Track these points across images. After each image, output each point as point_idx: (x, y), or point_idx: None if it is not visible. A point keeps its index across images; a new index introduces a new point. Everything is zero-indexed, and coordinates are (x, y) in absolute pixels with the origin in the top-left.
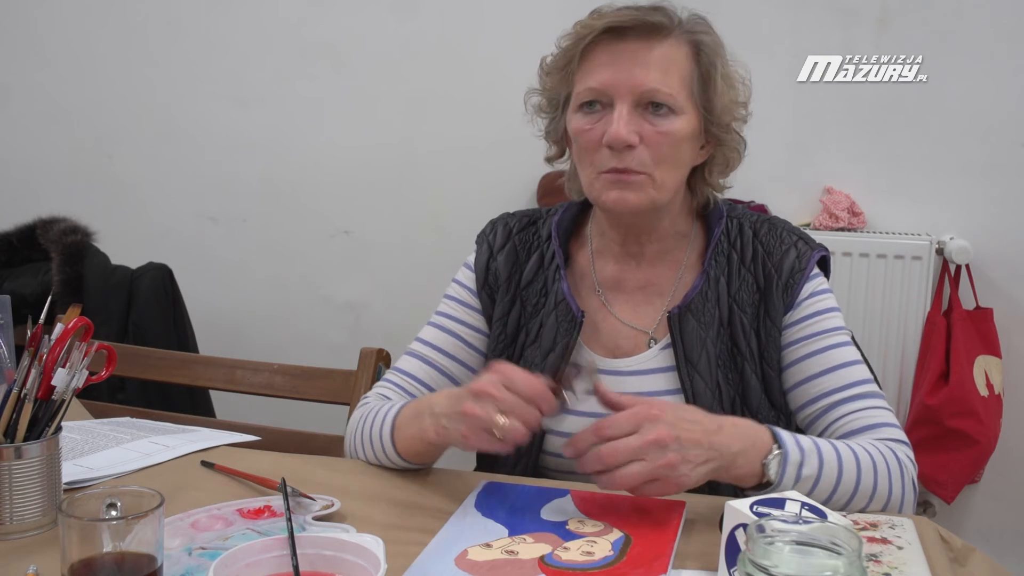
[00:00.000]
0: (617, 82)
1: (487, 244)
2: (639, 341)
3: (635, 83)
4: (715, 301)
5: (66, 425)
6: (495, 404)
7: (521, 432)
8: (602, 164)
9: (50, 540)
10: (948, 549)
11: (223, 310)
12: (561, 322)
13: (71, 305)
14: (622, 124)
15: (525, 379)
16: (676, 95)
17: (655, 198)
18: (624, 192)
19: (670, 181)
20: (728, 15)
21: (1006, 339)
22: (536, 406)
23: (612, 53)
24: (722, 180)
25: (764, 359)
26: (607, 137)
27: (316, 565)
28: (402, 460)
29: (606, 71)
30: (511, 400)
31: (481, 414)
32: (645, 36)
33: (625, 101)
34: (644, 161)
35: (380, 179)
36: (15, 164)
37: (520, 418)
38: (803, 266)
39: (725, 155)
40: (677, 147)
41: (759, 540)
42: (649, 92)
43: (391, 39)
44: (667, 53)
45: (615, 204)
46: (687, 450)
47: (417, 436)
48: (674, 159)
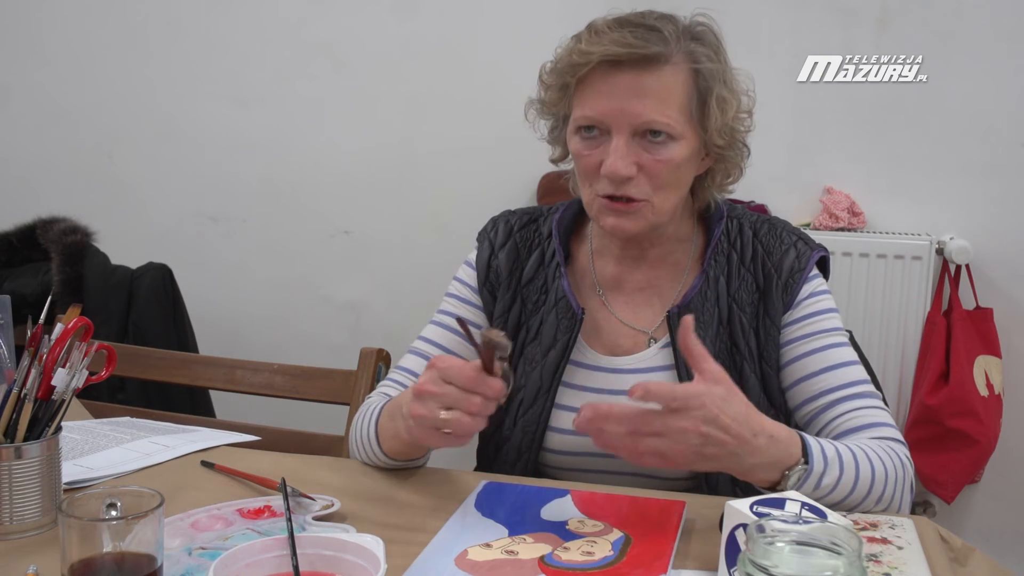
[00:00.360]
0: (613, 113)
1: (488, 241)
2: (639, 340)
3: (632, 115)
4: (714, 301)
5: (66, 425)
6: (436, 400)
7: (466, 422)
8: (601, 189)
9: (50, 540)
10: (948, 549)
11: (223, 310)
12: (561, 319)
13: (71, 305)
14: (619, 158)
15: (459, 369)
16: (674, 123)
17: (654, 222)
18: (621, 219)
19: (669, 204)
20: (728, 15)
21: (1006, 339)
22: (476, 393)
23: (608, 83)
24: (730, 184)
25: (763, 358)
26: (604, 170)
27: (316, 565)
28: (389, 459)
29: (603, 101)
30: (451, 393)
31: (426, 413)
32: (641, 66)
33: (622, 132)
34: (643, 190)
35: (380, 179)
36: (15, 164)
37: (463, 409)
38: (803, 266)
39: (726, 167)
40: (676, 172)
41: (759, 540)
42: (646, 123)
43: (391, 39)
44: (665, 82)
45: (612, 230)
46: (705, 447)
47: (395, 435)
48: (674, 183)
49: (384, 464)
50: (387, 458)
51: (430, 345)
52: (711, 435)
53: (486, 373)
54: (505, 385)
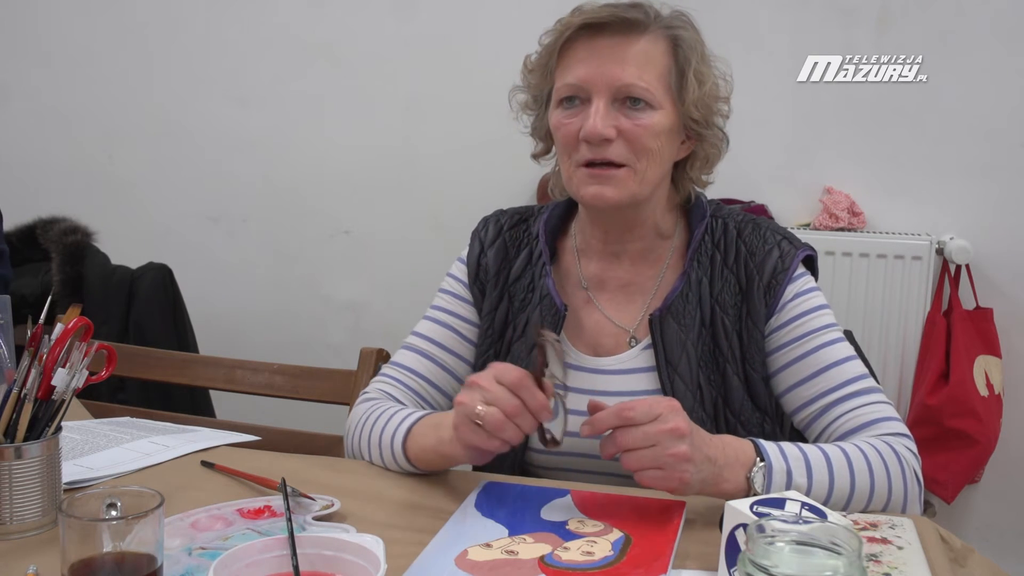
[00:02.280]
0: (594, 77)
1: (478, 240)
2: (620, 340)
3: (612, 78)
4: (696, 303)
5: (66, 425)
6: (480, 393)
7: (499, 420)
8: (580, 158)
9: (50, 540)
10: (948, 549)
11: (223, 310)
12: (545, 316)
13: (71, 305)
14: (599, 118)
15: (511, 370)
16: (653, 90)
17: (635, 192)
18: (602, 187)
19: (651, 174)
20: (728, 15)
21: (1006, 339)
22: (520, 398)
23: (590, 49)
24: (705, 176)
25: (746, 360)
26: (583, 131)
27: (316, 565)
28: (411, 466)
29: (584, 67)
30: (496, 390)
31: (467, 402)
32: (622, 32)
33: (602, 96)
34: (623, 154)
35: (380, 179)
36: (15, 164)
37: (500, 406)
38: (786, 266)
39: (706, 151)
40: (656, 140)
41: (759, 540)
42: (626, 87)
43: (391, 39)
44: (645, 48)
45: (593, 199)
46: (697, 449)
47: (433, 447)
48: (654, 152)
49: (398, 470)
50: (409, 465)
51: (424, 341)
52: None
53: (537, 384)
54: (551, 407)
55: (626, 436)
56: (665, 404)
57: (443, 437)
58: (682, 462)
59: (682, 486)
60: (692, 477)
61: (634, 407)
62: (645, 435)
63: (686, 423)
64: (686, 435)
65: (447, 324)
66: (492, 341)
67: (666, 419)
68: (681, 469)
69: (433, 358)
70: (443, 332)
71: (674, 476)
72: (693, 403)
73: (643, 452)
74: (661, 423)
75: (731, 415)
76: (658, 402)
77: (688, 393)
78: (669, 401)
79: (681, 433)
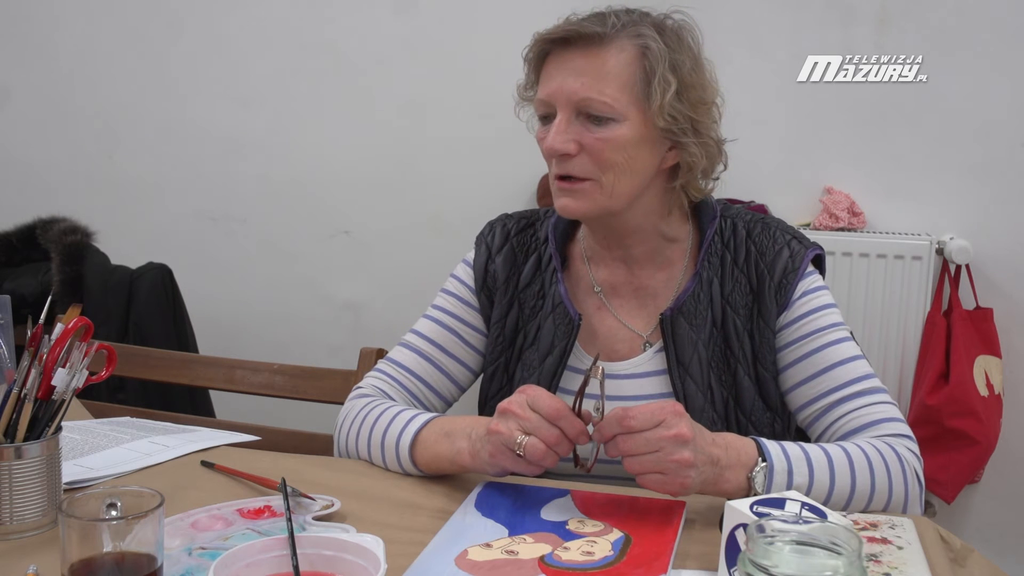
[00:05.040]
0: (555, 93)
1: (485, 246)
2: (634, 344)
3: (570, 93)
4: (707, 303)
5: (66, 425)
6: (518, 422)
7: (540, 449)
8: (552, 171)
9: (50, 540)
10: (948, 549)
11: (223, 310)
12: (559, 325)
13: (71, 305)
14: (556, 135)
15: (549, 400)
16: (613, 102)
17: (605, 205)
18: (568, 200)
19: (622, 187)
20: (728, 15)
21: (1006, 339)
22: (558, 427)
23: (557, 64)
24: (703, 183)
25: (758, 360)
26: (543, 148)
27: (316, 565)
28: (417, 471)
29: (551, 83)
30: (533, 419)
31: (504, 431)
32: (583, 46)
33: (564, 111)
34: (586, 168)
35: (380, 179)
36: (15, 164)
37: (541, 437)
38: (796, 265)
39: (687, 159)
40: (621, 152)
41: (759, 540)
42: (584, 101)
43: (391, 39)
44: (604, 61)
45: (561, 211)
46: (699, 453)
47: (447, 456)
48: (620, 164)
49: (397, 470)
50: (415, 469)
51: (422, 339)
52: (697, 439)
53: (574, 412)
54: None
55: (628, 442)
56: (669, 409)
57: (460, 448)
58: (684, 468)
59: (683, 490)
60: (694, 481)
61: (635, 415)
62: (647, 441)
63: (689, 428)
64: (689, 440)
65: (449, 326)
66: (503, 349)
67: (669, 425)
68: (683, 475)
69: (431, 359)
70: (444, 334)
71: (675, 481)
72: (704, 404)
73: (645, 457)
74: (664, 429)
75: (742, 415)
76: (662, 407)
77: (699, 394)
78: (673, 405)
79: (684, 439)
